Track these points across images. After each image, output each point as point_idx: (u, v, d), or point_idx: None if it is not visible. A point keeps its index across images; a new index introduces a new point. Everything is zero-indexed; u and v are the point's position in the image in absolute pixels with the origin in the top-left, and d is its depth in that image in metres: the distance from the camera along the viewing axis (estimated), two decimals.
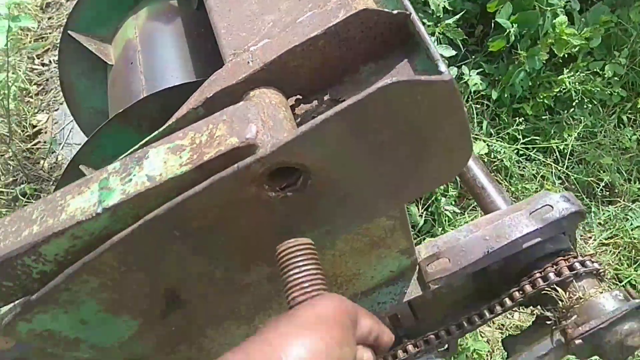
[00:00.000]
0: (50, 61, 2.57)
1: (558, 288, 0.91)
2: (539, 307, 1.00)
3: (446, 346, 1.14)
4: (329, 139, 0.49)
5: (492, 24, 2.10)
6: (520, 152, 2.04)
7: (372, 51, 0.60)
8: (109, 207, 0.53)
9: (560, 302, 0.91)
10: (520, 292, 0.96)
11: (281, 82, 0.59)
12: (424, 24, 1.81)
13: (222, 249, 0.59)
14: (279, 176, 0.54)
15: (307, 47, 0.57)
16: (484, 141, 2.03)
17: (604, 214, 1.92)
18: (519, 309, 1.09)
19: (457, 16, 1.95)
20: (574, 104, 2.07)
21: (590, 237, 1.92)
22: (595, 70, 2.13)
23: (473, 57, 2.16)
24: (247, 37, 0.76)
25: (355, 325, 0.47)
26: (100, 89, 1.32)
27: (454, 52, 1.94)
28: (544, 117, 2.08)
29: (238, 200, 0.53)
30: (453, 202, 1.98)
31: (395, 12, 0.56)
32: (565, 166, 1.98)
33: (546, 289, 0.92)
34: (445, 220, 1.96)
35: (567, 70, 2.06)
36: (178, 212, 0.51)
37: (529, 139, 2.04)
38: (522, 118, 2.06)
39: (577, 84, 2.03)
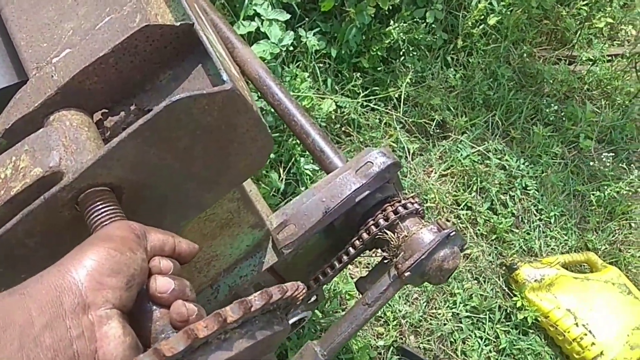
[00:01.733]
0: None
1: (387, 231, 1.05)
2: (379, 249, 1.15)
3: (314, 298, 1.26)
4: (128, 157, 0.53)
5: None
6: (364, 104, 2.20)
7: (167, 59, 0.63)
8: None
9: (391, 242, 1.06)
10: (360, 240, 1.09)
11: (80, 101, 0.60)
12: None
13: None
14: None
15: (98, 65, 0.59)
16: (331, 99, 2.15)
17: (439, 149, 2.17)
18: (372, 253, 1.23)
19: None
20: (402, 52, 2.26)
21: (432, 171, 2.17)
22: (418, 18, 2.34)
23: (309, 18, 2.24)
24: (49, 47, 0.74)
25: (142, 238, 0.52)
26: None
27: (288, 16, 2.00)
28: (379, 69, 2.25)
29: (55, 225, 0.55)
30: (311, 161, 2.10)
31: (178, 23, 0.60)
32: (402, 111, 2.19)
33: (379, 233, 1.06)
34: (307, 179, 2.08)
35: (394, 21, 2.24)
36: None
37: (370, 90, 2.21)
38: (361, 72, 2.21)
39: (402, 33, 2.21)
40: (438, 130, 2.21)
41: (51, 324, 0.43)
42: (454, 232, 1.02)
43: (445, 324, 1.82)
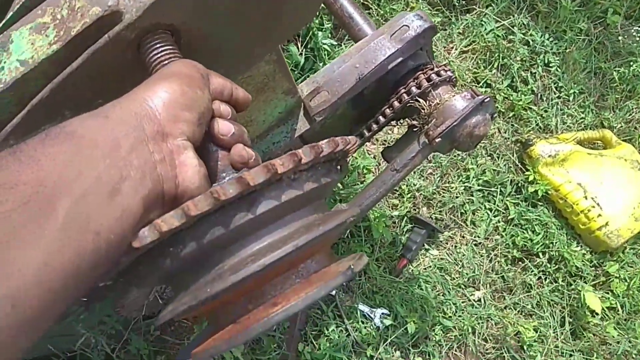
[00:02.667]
0: None
1: (419, 99, 1.05)
2: (407, 119, 1.16)
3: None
4: None
5: None
6: None
7: None
8: None
9: (422, 110, 1.07)
10: (390, 109, 1.09)
11: None
12: None
13: None
14: None
15: None
16: None
17: (462, 23, 2.09)
18: (397, 124, 1.24)
19: None
20: None
21: (452, 47, 2.11)
22: None
23: None
24: None
25: (207, 79, 0.53)
26: None
27: None
28: None
29: (119, 67, 0.55)
30: (329, 35, 2.04)
31: None
32: None
33: (410, 101, 1.06)
34: (325, 55, 2.03)
35: None
36: (62, 91, 0.53)
37: None
38: None
39: None
40: (462, 2, 2.10)
41: (136, 146, 0.45)
42: (488, 99, 1.02)
43: (457, 197, 1.90)
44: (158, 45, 0.53)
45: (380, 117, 1.12)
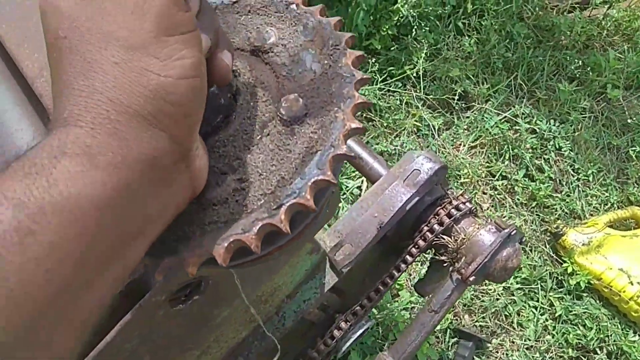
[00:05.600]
0: None
1: (444, 236, 1.04)
2: (435, 254, 1.14)
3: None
4: None
5: None
6: (382, 88, 2.16)
7: None
8: None
9: (449, 246, 1.05)
10: (417, 247, 1.08)
11: None
12: None
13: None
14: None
15: None
16: None
17: (465, 121, 2.13)
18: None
19: None
20: (413, 27, 2.20)
21: (460, 144, 2.13)
22: None
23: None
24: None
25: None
26: None
27: None
28: (392, 48, 2.19)
29: (153, 324, 0.55)
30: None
31: None
32: (422, 88, 2.14)
33: (435, 239, 1.05)
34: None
35: None
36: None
37: (386, 71, 2.16)
38: (374, 54, 2.16)
39: (411, 8, 2.15)
40: (461, 102, 2.16)
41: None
42: (514, 231, 1.00)
43: (497, 299, 1.82)
44: None
45: (408, 257, 1.11)
